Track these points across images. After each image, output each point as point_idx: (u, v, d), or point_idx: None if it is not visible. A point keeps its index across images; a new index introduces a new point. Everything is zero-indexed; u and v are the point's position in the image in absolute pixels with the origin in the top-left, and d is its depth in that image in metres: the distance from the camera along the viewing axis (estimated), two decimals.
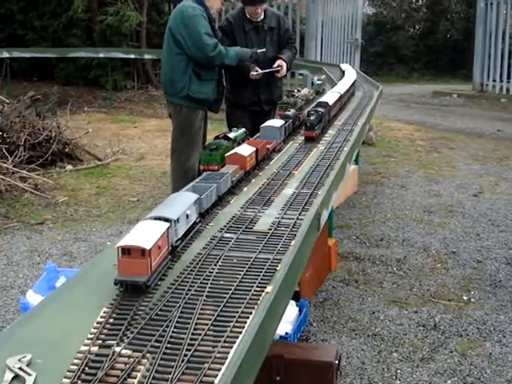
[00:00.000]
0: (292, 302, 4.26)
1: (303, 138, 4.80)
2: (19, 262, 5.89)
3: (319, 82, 7.82)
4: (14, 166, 8.20)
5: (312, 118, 4.71)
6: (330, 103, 5.29)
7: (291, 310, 4.24)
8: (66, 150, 9.55)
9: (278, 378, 2.92)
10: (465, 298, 5.22)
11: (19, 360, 1.71)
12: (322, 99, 5.38)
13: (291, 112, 5.02)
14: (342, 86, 6.69)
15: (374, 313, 4.91)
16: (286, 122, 4.59)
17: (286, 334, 3.96)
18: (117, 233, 6.58)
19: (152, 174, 9.17)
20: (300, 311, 4.39)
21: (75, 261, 5.89)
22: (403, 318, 4.84)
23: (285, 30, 7.01)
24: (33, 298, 4.11)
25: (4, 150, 8.40)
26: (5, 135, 8.66)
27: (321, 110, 4.91)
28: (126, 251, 2.08)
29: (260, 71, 6.63)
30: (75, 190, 8.25)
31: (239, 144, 3.93)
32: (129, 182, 8.73)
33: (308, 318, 4.65)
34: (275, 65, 6.77)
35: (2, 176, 7.85)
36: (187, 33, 5.98)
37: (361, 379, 4.03)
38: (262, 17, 6.80)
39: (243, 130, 4.25)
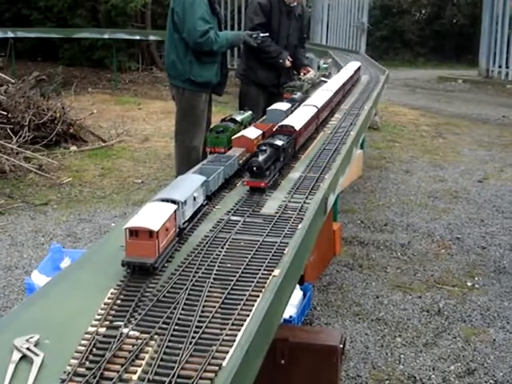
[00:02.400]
0: (296, 286, 4.27)
1: None
2: (23, 242, 5.89)
3: (325, 66, 7.79)
4: (18, 147, 8.19)
5: (262, 157, 2.96)
6: (298, 127, 3.62)
7: (295, 294, 4.24)
8: (71, 130, 9.54)
9: (282, 362, 2.92)
10: (469, 283, 5.22)
11: (27, 340, 1.71)
12: (287, 121, 3.70)
13: (297, 95, 5.00)
14: (319, 99, 4.64)
15: (377, 297, 4.92)
16: (292, 106, 4.56)
17: (290, 317, 3.96)
18: (121, 214, 6.58)
19: (156, 156, 9.16)
20: (304, 295, 4.39)
21: (79, 242, 5.89)
22: (407, 303, 4.84)
23: (306, 19, 7.23)
24: (38, 278, 4.11)
25: (8, 130, 8.39)
26: (9, 115, 8.65)
27: (279, 142, 3.25)
28: (134, 233, 2.07)
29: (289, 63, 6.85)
30: (79, 171, 8.25)
31: (246, 127, 3.91)
32: (133, 164, 8.72)
33: (312, 302, 4.66)
34: (305, 71, 7.06)
35: (6, 156, 7.84)
36: (183, 16, 5.95)
37: (364, 363, 4.04)
38: (296, 3, 6.94)
39: (250, 112, 4.23)
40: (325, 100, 4.64)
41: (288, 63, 6.90)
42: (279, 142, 3.22)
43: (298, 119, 3.81)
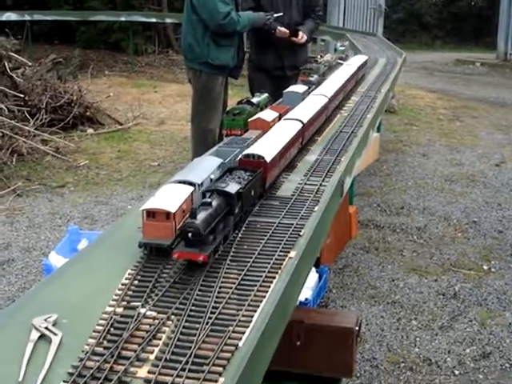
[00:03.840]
0: (312, 269, 4.27)
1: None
2: (41, 224, 5.93)
3: (342, 48, 7.75)
4: (35, 129, 8.23)
5: (202, 215, 2.03)
6: (269, 158, 2.66)
7: (311, 276, 4.25)
8: (87, 113, 9.56)
9: (298, 343, 2.93)
10: (485, 267, 5.21)
11: (45, 320, 1.72)
12: (255, 149, 2.71)
13: (314, 78, 4.97)
14: (305, 110, 3.62)
15: (393, 280, 4.92)
16: (309, 88, 4.54)
17: (306, 299, 3.97)
18: (137, 197, 6.61)
19: (172, 139, 9.17)
20: (320, 277, 4.40)
21: (96, 224, 5.93)
22: (423, 287, 4.84)
23: None
24: (55, 259, 4.14)
25: (26, 113, 8.42)
26: (26, 98, 8.68)
27: (232, 187, 2.27)
28: (151, 214, 2.08)
29: (286, 30, 6.59)
30: (96, 154, 8.28)
31: (262, 109, 3.90)
32: (149, 147, 8.74)
33: (328, 285, 4.66)
34: (299, 37, 6.73)
35: (23, 139, 7.88)
36: None
37: (380, 346, 4.05)
38: None
39: (266, 95, 4.22)
40: (312, 113, 3.61)
41: (282, 29, 6.63)
42: (233, 187, 2.26)
43: (272, 143, 2.86)
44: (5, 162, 7.31)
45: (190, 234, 1.96)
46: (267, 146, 2.79)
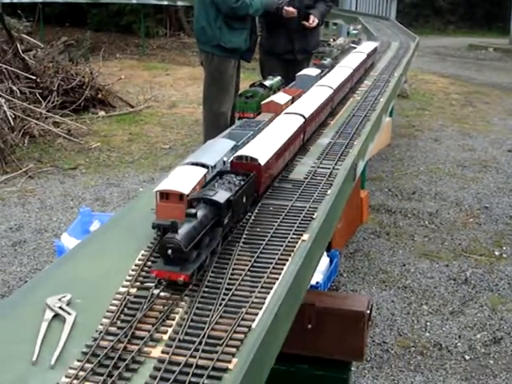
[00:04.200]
0: (323, 253, 4.27)
1: None
2: (53, 205, 5.95)
3: (355, 32, 7.71)
4: (47, 111, 8.23)
5: (185, 229, 1.80)
6: (263, 160, 2.40)
7: (322, 260, 4.25)
8: (99, 96, 9.56)
9: (309, 326, 2.93)
10: (496, 253, 5.19)
11: (59, 299, 1.73)
12: (249, 150, 2.46)
13: (327, 61, 4.95)
14: (308, 104, 3.29)
15: (404, 265, 4.91)
16: (321, 71, 4.52)
17: (317, 283, 3.97)
18: (149, 179, 6.61)
19: (184, 122, 9.16)
20: (331, 261, 4.39)
21: (108, 206, 5.94)
22: (434, 272, 4.83)
23: None
24: (67, 240, 4.15)
25: (37, 95, 8.42)
26: (38, 80, 8.68)
27: (222, 195, 2.02)
28: (165, 195, 2.08)
29: (293, 10, 6.51)
30: (108, 136, 8.28)
31: (275, 92, 3.89)
32: (161, 130, 8.73)
33: (339, 269, 4.66)
34: (310, 21, 6.67)
35: (35, 121, 7.89)
36: None
37: (390, 330, 4.05)
38: None
39: (279, 78, 4.20)
40: (316, 106, 3.33)
41: (290, 9, 6.55)
42: (222, 195, 2.01)
43: (268, 143, 2.59)
44: (17, 144, 7.33)
45: (169, 251, 1.72)
46: (262, 146, 2.53)
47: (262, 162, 2.37)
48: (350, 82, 4.44)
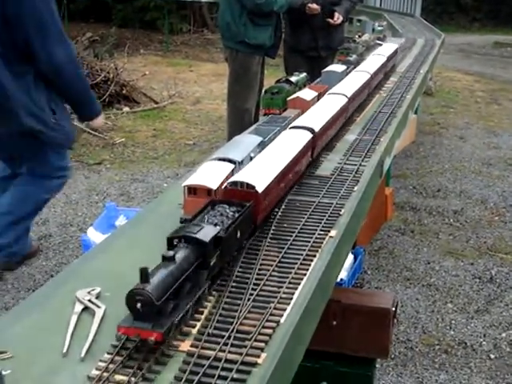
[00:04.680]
0: None
1: None
2: (78, 200, 5.99)
3: (380, 28, 7.68)
4: None
5: (159, 277, 1.51)
6: (261, 187, 2.11)
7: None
8: (123, 91, 9.59)
9: (334, 323, 2.93)
10: None
11: (88, 293, 1.74)
12: (245, 175, 2.15)
13: (352, 57, 4.93)
14: (318, 118, 2.96)
15: (429, 263, 4.89)
16: (347, 68, 4.51)
17: (341, 280, 3.96)
18: (173, 175, 6.63)
19: (208, 118, 9.17)
20: (355, 258, 4.38)
21: (132, 201, 5.97)
22: (459, 270, 4.80)
23: None
24: (93, 235, 4.18)
25: None
26: None
27: (208, 232, 1.73)
28: (192, 190, 2.09)
29: (317, 6, 6.50)
30: (132, 132, 8.31)
31: (300, 88, 3.89)
32: (185, 126, 8.75)
33: (363, 266, 4.65)
34: (335, 18, 6.66)
35: None
36: None
37: (415, 328, 4.03)
38: None
39: (304, 74, 4.20)
40: (326, 118, 2.99)
41: (313, 6, 6.54)
42: (208, 232, 1.71)
43: (270, 165, 2.27)
44: None
45: (138, 305, 1.45)
46: (262, 170, 2.21)
47: (260, 189, 2.07)
48: (367, 88, 4.15)
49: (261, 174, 2.17)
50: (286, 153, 2.41)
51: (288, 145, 2.52)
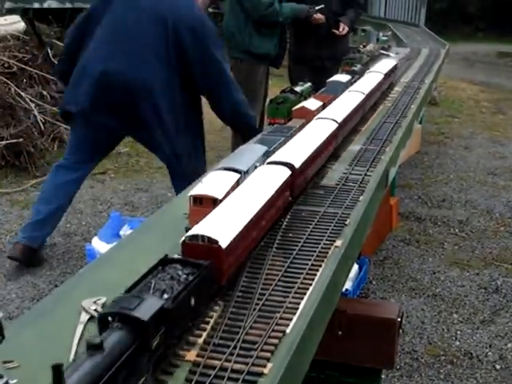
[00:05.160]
0: None
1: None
2: (82, 209, 5.99)
3: (385, 38, 7.70)
4: None
5: (77, 374, 1.15)
6: (225, 243, 1.73)
7: None
8: None
9: (340, 333, 2.92)
10: None
11: (94, 302, 1.74)
12: (202, 228, 1.78)
13: (357, 67, 4.94)
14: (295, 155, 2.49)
15: (434, 273, 4.87)
16: (352, 78, 4.51)
17: (346, 290, 3.95)
18: None
19: (212, 128, 9.14)
20: (360, 268, 4.37)
21: (137, 211, 5.97)
22: (464, 280, 4.79)
23: None
24: (98, 244, 4.18)
25: None
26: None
27: (147, 310, 1.33)
28: (198, 200, 2.08)
29: (321, 16, 6.50)
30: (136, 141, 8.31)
31: (305, 98, 3.89)
32: None
33: (368, 276, 4.64)
34: (340, 29, 6.65)
35: (65, 125, 7.94)
36: None
37: (420, 338, 4.02)
38: None
39: (309, 84, 4.20)
40: (310, 151, 2.56)
41: (319, 16, 6.53)
42: (149, 308, 1.34)
43: (237, 211, 1.92)
44: (46, 149, 7.39)
45: None
46: (228, 219, 1.84)
47: (224, 243, 1.71)
48: (361, 110, 3.77)
49: (227, 224, 1.81)
50: (258, 196, 2.05)
51: (262, 185, 2.14)
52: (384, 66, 4.97)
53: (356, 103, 3.55)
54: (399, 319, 2.97)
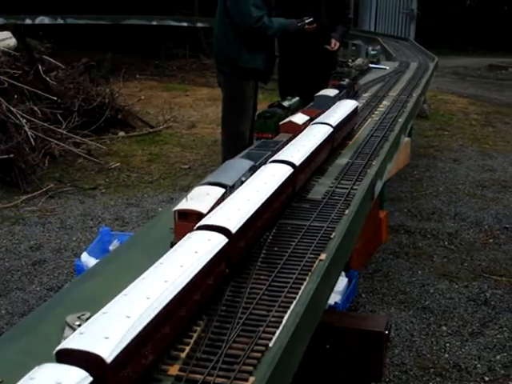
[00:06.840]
0: (341, 273, 4.26)
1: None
2: (72, 225, 5.99)
3: (374, 52, 7.74)
4: (67, 132, 8.31)
5: None
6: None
7: (341, 280, 4.24)
8: (119, 116, 9.64)
9: (327, 346, 2.93)
10: None
11: (78, 317, 1.74)
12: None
13: (345, 81, 4.97)
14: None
15: (423, 286, 4.89)
16: (340, 92, 4.54)
17: (336, 303, 3.96)
18: (168, 199, 6.65)
19: (203, 143, 9.21)
20: (349, 282, 4.38)
21: (127, 226, 5.97)
22: (453, 292, 4.80)
23: None
24: (87, 259, 4.18)
25: (58, 116, 8.50)
26: (59, 101, 8.77)
27: None
28: (183, 215, 2.10)
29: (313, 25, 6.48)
30: (127, 157, 8.34)
31: (293, 113, 3.92)
32: (180, 150, 8.79)
33: (357, 289, 4.65)
34: (332, 44, 6.66)
35: (56, 141, 7.97)
36: (236, 2, 5.93)
37: (409, 351, 4.03)
38: None
39: (297, 98, 4.23)
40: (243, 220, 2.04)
41: (311, 25, 6.51)
42: None
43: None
44: (37, 164, 7.40)
45: None
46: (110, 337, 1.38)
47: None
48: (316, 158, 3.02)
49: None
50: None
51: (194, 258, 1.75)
52: (340, 111, 3.69)
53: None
54: (387, 332, 2.98)
